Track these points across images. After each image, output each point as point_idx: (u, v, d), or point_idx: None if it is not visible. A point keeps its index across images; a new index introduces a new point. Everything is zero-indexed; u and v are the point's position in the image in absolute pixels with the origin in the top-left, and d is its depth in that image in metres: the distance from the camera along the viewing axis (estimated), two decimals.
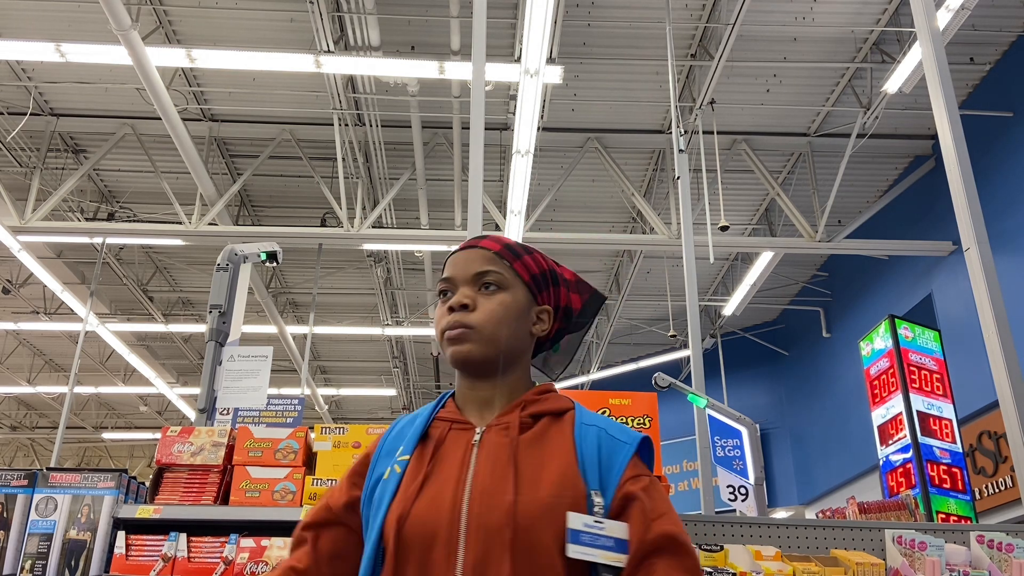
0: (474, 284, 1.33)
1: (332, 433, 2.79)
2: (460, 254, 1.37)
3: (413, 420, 1.34)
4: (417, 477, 1.22)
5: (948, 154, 3.46)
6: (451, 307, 1.31)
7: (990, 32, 7.70)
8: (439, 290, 1.37)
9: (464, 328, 1.29)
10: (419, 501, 1.18)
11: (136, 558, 2.56)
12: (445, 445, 1.26)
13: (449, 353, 1.30)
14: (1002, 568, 2.46)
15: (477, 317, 1.30)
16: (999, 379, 3.10)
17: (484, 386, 1.32)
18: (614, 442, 1.26)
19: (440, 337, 1.32)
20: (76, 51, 6.71)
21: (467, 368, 1.31)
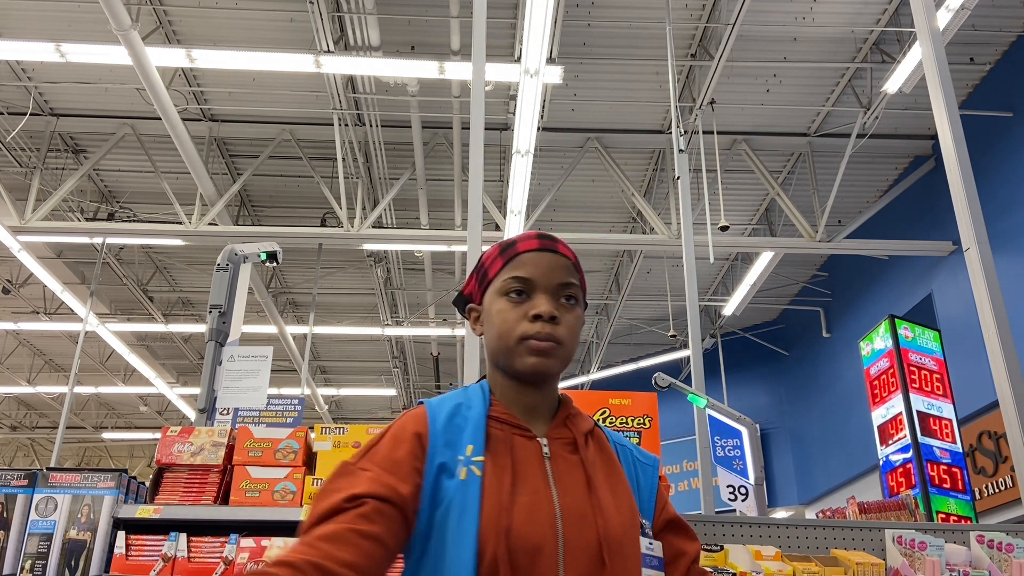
0: (555, 294, 1.27)
1: (332, 433, 2.79)
2: (541, 256, 1.29)
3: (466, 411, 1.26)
4: (503, 485, 1.15)
5: (948, 154, 3.46)
6: (539, 315, 1.24)
7: (990, 32, 7.70)
8: (512, 288, 1.28)
9: (555, 343, 1.24)
10: (516, 514, 1.13)
11: (136, 558, 2.56)
12: (517, 453, 1.21)
13: (531, 363, 1.23)
14: (1002, 568, 2.46)
15: (564, 333, 1.26)
16: (999, 379, 3.10)
17: (533, 393, 1.29)
18: (641, 464, 1.33)
19: (516, 341, 1.24)
20: (76, 51, 6.71)
21: (539, 381, 1.27)
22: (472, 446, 1.19)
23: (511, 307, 1.26)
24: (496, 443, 1.21)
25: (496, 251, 1.35)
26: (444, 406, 1.26)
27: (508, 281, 1.28)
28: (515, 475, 1.18)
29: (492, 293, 1.31)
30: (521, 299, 1.27)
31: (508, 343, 1.25)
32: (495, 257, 1.33)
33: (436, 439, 1.21)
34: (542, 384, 1.28)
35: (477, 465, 1.17)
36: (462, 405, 1.26)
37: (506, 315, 1.26)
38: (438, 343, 13.47)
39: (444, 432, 1.22)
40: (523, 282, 1.27)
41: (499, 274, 1.30)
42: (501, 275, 1.30)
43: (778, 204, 9.23)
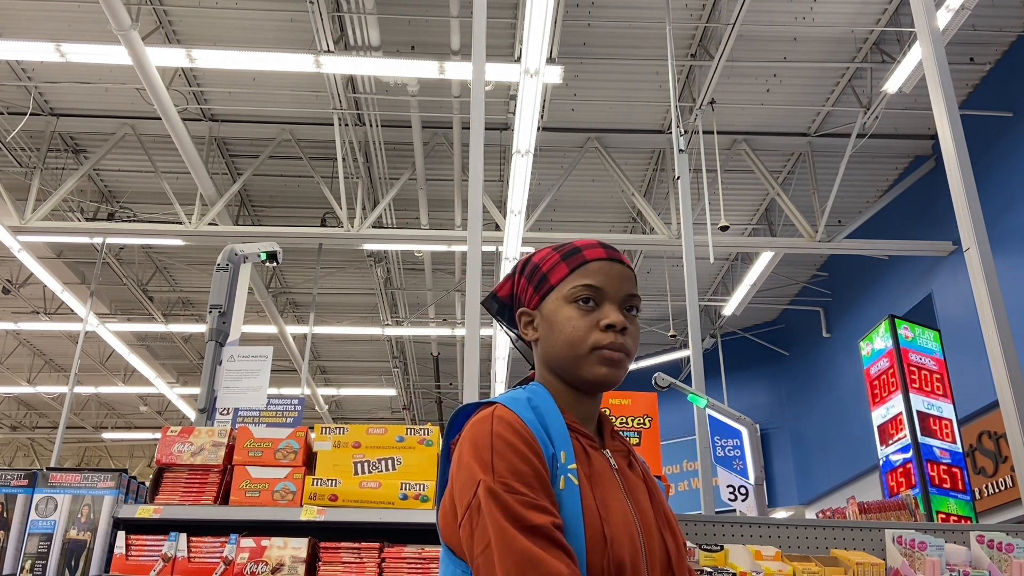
0: (621, 305, 1.29)
1: (332, 433, 2.79)
2: (611, 266, 1.30)
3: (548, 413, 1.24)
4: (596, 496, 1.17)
5: (948, 154, 3.46)
6: (611, 325, 1.25)
7: (990, 32, 7.69)
8: (581, 296, 1.27)
9: (626, 355, 1.26)
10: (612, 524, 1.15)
11: (136, 558, 2.56)
12: (593, 463, 1.22)
13: (601, 373, 1.24)
14: (1002, 568, 2.46)
15: (631, 344, 1.28)
16: (999, 379, 3.10)
17: (590, 404, 1.30)
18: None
19: (587, 350, 1.24)
20: (76, 51, 6.70)
21: (602, 391, 1.29)
22: (564, 453, 1.19)
23: (581, 315, 1.26)
24: (577, 452, 1.21)
25: (556, 257, 1.33)
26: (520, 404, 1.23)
27: (578, 289, 1.27)
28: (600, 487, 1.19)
29: (557, 299, 1.29)
30: (590, 308, 1.26)
31: (579, 351, 1.24)
32: (557, 263, 1.32)
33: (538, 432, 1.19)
34: (600, 395, 1.31)
35: (572, 474, 1.17)
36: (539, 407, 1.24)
37: (576, 323, 1.25)
38: (438, 343, 13.47)
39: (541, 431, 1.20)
40: (594, 291, 1.27)
41: (565, 280, 1.29)
42: (568, 282, 1.29)
43: (778, 204, 9.23)
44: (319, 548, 2.60)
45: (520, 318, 1.36)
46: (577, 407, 1.28)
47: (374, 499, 2.66)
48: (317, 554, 2.59)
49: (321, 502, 2.66)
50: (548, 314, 1.30)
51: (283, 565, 2.52)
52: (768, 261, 9.72)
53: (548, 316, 1.30)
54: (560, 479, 1.15)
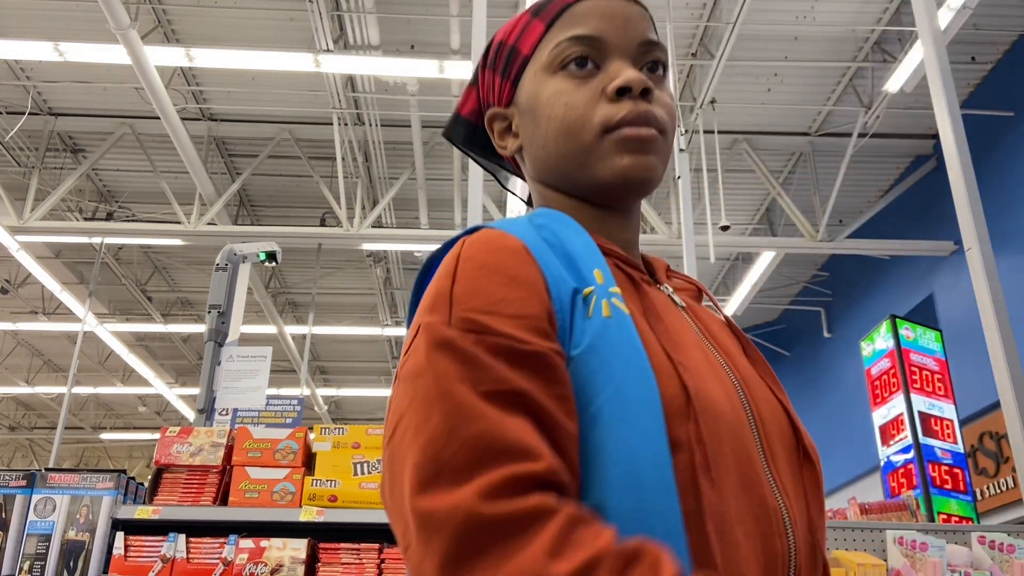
0: (636, 60, 0.84)
1: (331, 433, 2.78)
2: (612, 3, 0.84)
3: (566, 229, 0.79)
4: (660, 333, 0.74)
5: (949, 154, 3.45)
6: (625, 88, 0.80)
7: (992, 31, 7.69)
8: (571, 56, 0.83)
9: (657, 130, 0.81)
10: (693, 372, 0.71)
11: (135, 559, 2.55)
12: (647, 298, 0.78)
13: (627, 164, 0.80)
14: (1003, 569, 2.45)
15: (664, 114, 0.82)
16: (1000, 379, 3.09)
17: (622, 224, 0.87)
18: None
19: (596, 134, 0.81)
20: (75, 50, 6.70)
21: (633, 195, 0.84)
22: (600, 272, 0.74)
23: (576, 85, 0.82)
24: (621, 281, 0.78)
25: (525, 17, 0.88)
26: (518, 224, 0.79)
27: (563, 45, 0.83)
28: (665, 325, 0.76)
29: (535, 74, 0.85)
30: (588, 71, 0.82)
31: (583, 139, 0.81)
32: (527, 23, 0.87)
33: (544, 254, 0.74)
34: (630, 207, 0.87)
35: (619, 299, 0.72)
36: (546, 225, 0.79)
37: (571, 97, 0.82)
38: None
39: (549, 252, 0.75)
40: (588, 43, 0.82)
41: (542, 42, 0.85)
42: (547, 42, 0.84)
43: (779, 204, 9.23)
44: (318, 549, 2.59)
45: (492, 127, 0.91)
46: (604, 231, 0.85)
47: (374, 500, 2.65)
48: (316, 555, 2.58)
49: (320, 503, 2.65)
50: (527, 101, 0.86)
51: (282, 566, 2.51)
52: (769, 261, 9.72)
53: (527, 104, 0.86)
54: (600, 305, 0.71)
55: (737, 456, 0.70)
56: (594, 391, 0.67)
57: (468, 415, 0.61)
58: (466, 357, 0.64)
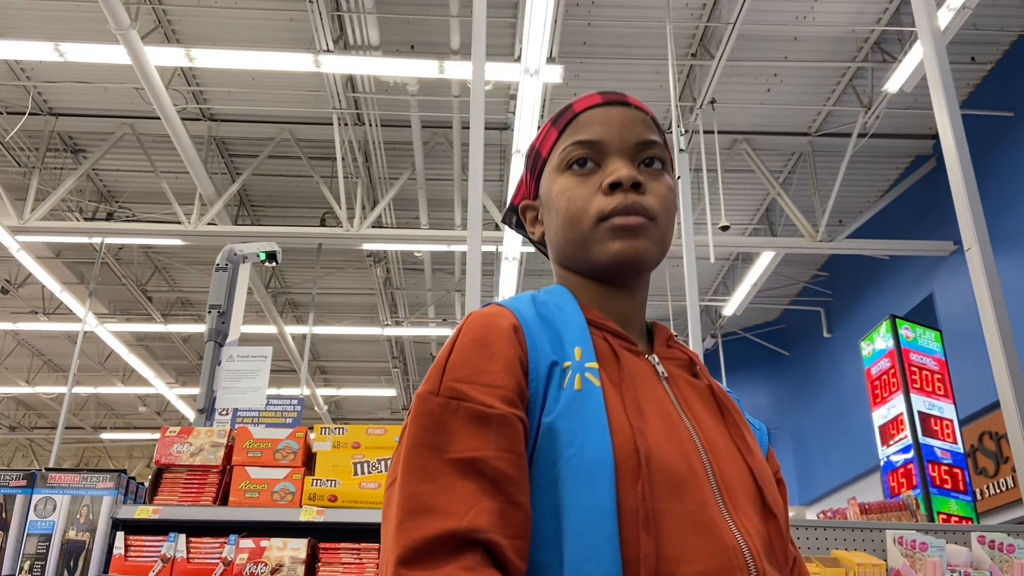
0: (633, 158, 0.97)
1: (331, 433, 2.78)
2: (610, 111, 0.99)
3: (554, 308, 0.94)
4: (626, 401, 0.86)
5: (949, 154, 3.46)
6: (617, 183, 0.94)
7: (991, 31, 7.69)
8: (575, 157, 0.98)
9: (645, 218, 0.94)
10: (652, 436, 0.83)
11: (135, 559, 2.55)
12: (626, 367, 0.90)
13: (616, 249, 0.93)
14: (1003, 569, 2.45)
15: (655, 204, 0.95)
16: (1000, 379, 3.09)
17: (624, 298, 0.99)
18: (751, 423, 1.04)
19: (592, 223, 0.94)
20: (75, 50, 6.70)
21: (630, 274, 0.97)
22: (580, 349, 0.89)
23: (578, 182, 0.97)
24: (601, 353, 0.90)
25: (547, 125, 1.05)
26: (523, 300, 0.95)
27: (569, 149, 0.98)
28: (636, 393, 0.88)
29: (550, 172, 1.01)
30: (589, 169, 0.97)
31: (582, 228, 0.95)
32: (547, 131, 1.04)
33: (534, 333, 0.89)
34: (631, 283, 0.99)
35: (593, 373, 0.86)
36: (547, 303, 0.95)
37: (573, 192, 0.96)
38: (438, 343, 13.46)
39: (542, 328, 0.90)
40: (589, 146, 0.97)
41: (555, 146, 1.01)
42: (558, 146, 1.00)
43: (779, 204, 9.23)
44: (318, 549, 2.59)
45: (525, 216, 1.08)
46: (605, 302, 0.98)
47: (374, 500, 2.65)
48: (316, 555, 2.58)
49: (320, 503, 2.65)
50: (544, 195, 1.02)
51: (282, 566, 2.51)
52: (769, 261, 9.72)
53: (545, 198, 1.02)
54: (574, 378, 0.85)
55: (691, 507, 0.81)
56: (560, 452, 0.81)
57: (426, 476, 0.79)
58: (440, 427, 0.81)
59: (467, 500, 0.76)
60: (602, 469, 0.79)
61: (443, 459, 0.79)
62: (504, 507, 0.78)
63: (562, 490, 0.80)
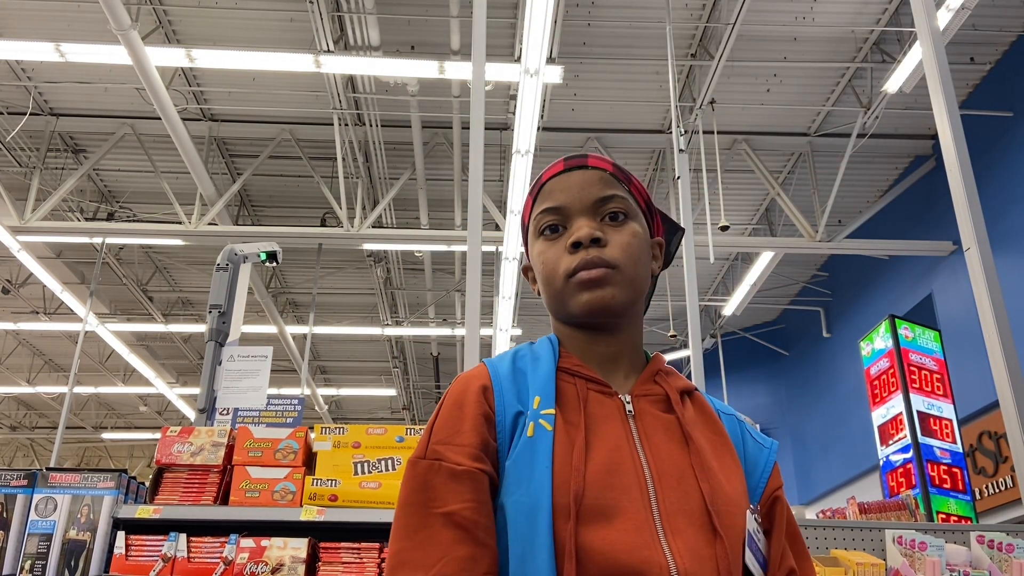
0: (594, 214, 1.09)
1: (332, 433, 2.78)
2: (569, 177, 1.11)
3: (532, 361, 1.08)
4: (575, 443, 0.97)
5: (948, 154, 3.46)
6: (578, 242, 1.06)
7: (990, 32, 7.69)
8: (544, 224, 1.10)
9: (607, 268, 1.04)
10: (591, 474, 0.95)
11: (136, 558, 2.55)
12: (592, 408, 1.02)
13: (584, 301, 1.04)
14: (1002, 568, 2.46)
15: (616, 254, 1.06)
16: (999, 379, 3.10)
17: (608, 341, 1.09)
18: (754, 442, 1.11)
19: (562, 281, 1.06)
20: (76, 51, 6.70)
21: (602, 318, 1.07)
22: (540, 398, 1.01)
23: (550, 245, 1.09)
24: (567, 398, 1.03)
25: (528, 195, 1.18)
26: (505, 357, 1.10)
27: (539, 217, 1.11)
28: (589, 433, 0.99)
29: (531, 239, 1.14)
30: (558, 234, 1.09)
31: (556, 286, 1.07)
32: (527, 201, 1.17)
33: (503, 388, 1.03)
34: (611, 326, 1.09)
35: (547, 419, 0.99)
36: (526, 356, 1.09)
37: (545, 256, 1.09)
38: (438, 343, 13.47)
39: (511, 382, 1.04)
40: (555, 212, 1.09)
41: (532, 215, 1.14)
42: (533, 215, 1.13)
43: (778, 204, 9.23)
44: (319, 548, 2.60)
45: (527, 276, 1.21)
46: (592, 349, 1.09)
47: (374, 499, 2.65)
48: (317, 554, 2.59)
49: (321, 502, 2.65)
50: (531, 259, 1.15)
51: (283, 565, 2.52)
52: (768, 261, 9.72)
53: (532, 261, 1.15)
54: (528, 426, 0.98)
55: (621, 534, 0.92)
56: (510, 494, 0.96)
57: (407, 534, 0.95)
58: (424, 487, 0.96)
59: (441, 550, 0.92)
60: (541, 509, 0.92)
61: (428, 514, 0.94)
62: (475, 551, 0.92)
63: (510, 528, 0.94)
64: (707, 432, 1.06)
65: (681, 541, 0.93)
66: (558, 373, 1.05)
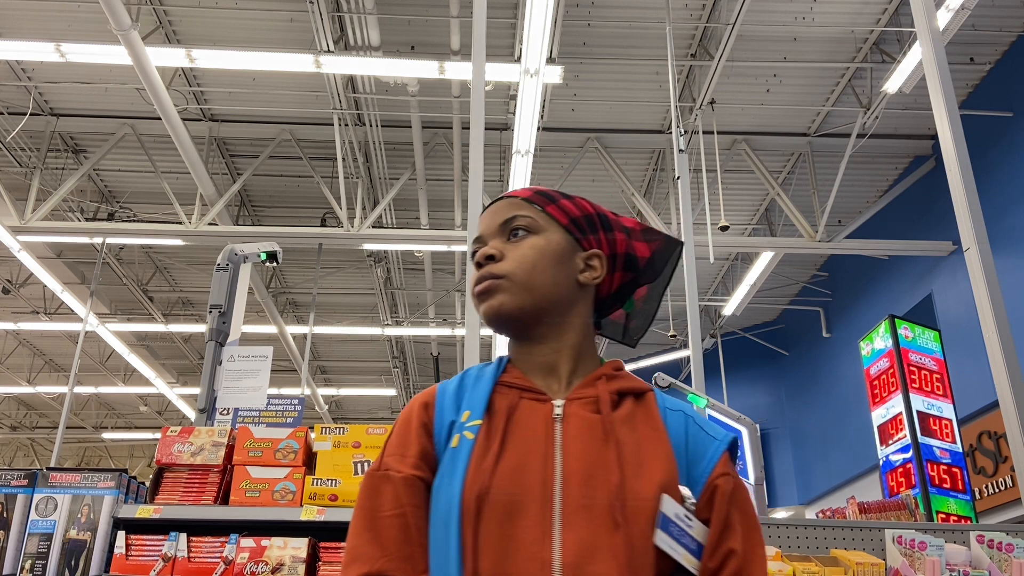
0: (502, 235, 1.21)
1: (332, 433, 2.79)
2: (488, 210, 1.25)
3: (477, 379, 1.19)
4: (491, 448, 1.07)
5: (948, 154, 3.46)
6: (478, 263, 1.20)
7: (990, 32, 7.70)
8: (472, 252, 1.25)
9: (492, 279, 1.16)
10: (498, 475, 1.05)
11: (136, 558, 2.56)
12: (519, 415, 1.12)
13: (481, 311, 1.17)
14: (1002, 568, 2.46)
15: (506, 265, 1.17)
16: (999, 379, 3.10)
17: (543, 349, 1.18)
18: (703, 434, 1.16)
19: (473, 298, 1.20)
20: (76, 51, 6.71)
21: (504, 325, 1.18)
22: (469, 412, 1.13)
23: (475, 269, 1.23)
24: (498, 409, 1.12)
25: None
26: (457, 377, 1.21)
27: (471, 247, 1.26)
28: (507, 437, 1.09)
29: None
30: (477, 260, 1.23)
31: (474, 303, 1.21)
32: None
33: (444, 405, 1.16)
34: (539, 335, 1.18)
35: (471, 430, 1.10)
36: (473, 375, 1.20)
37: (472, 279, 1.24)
38: (438, 343, 13.47)
39: (453, 398, 1.17)
40: (477, 242, 1.24)
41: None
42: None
43: (778, 204, 9.23)
44: (319, 548, 2.60)
45: None
46: (531, 359, 1.18)
47: None
48: (317, 554, 2.59)
49: (321, 502, 2.65)
50: None
51: (283, 565, 2.52)
52: (768, 261, 9.72)
53: None
54: (454, 437, 1.11)
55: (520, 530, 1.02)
56: (435, 495, 1.09)
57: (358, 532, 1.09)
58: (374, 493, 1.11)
59: (383, 547, 1.06)
60: (451, 513, 1.04)
61: (375, 517, 1.08)
62: (411, 549, 1.06)
63: (432, 527, 1.07)
64: (640, 429, 1.12)
65: (573, 535, 1.01)
66: (498, 387, 1.15)
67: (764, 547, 1.12)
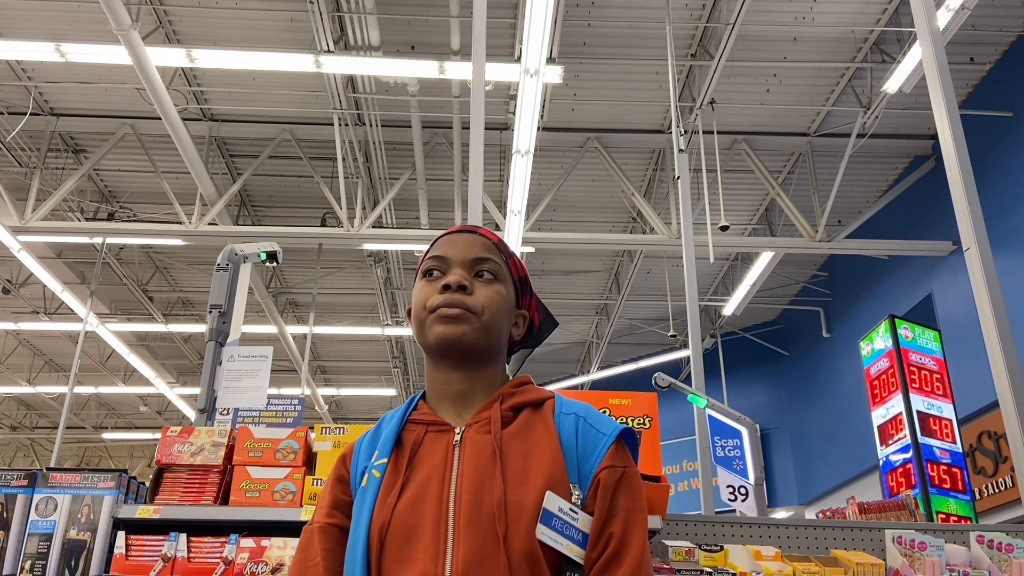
0: (470, 269, 1.28)
1: (332, 433, 2.79)
2: (457, 236, 1.31)
3: (388, 421, 1.29)
4: (395, 484, 1.17)
5: (948, 154, 3.46)
6: (448, 285, 1.24)
7: (990, 32, 7.70)
8: (427, 268, 1.30)
9: (464, 310, 1.22)
10: (399, 507, 1.15)
11: (136, 558, 2.55)
12: (423, 448, 1.21)
13: (439, 332, 1.22)
14: (1002, 568, 2.46)
15: (478, 301, 1.24)
16: (999, 379, 3.10)
17: (461, 379, 1.26)
18: (592, 431, 1.21)
19: (427, 314, 1.24)
20: (76, 51, 6.71)
21: (453, 353, 1.24)
22: (377, 452, 1.23)
23: (426, 285, 1.28)
24: (405, 445, 1.22)
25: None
26: (373, 428, 1.31)
27: (426, 262, 1.30)
28: (412, 472, 1.18)
29: (416, 282, 1.33)
30: (435, 277, 1.28)
31: (420, 316, 1.26)
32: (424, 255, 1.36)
33: (359, 453, 1.27)
34: (464, 366, 1.25)
35: (379, 468, 1.20)
36: (386, 419, 1.29)
37: (419, 293, 1.28)
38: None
39: (368, 446, 1.27)
40: (438, 261, 1.28)
41: (422, 263, 1.33)
42: (423, 262, 1.32)
43: (778, 204, 9.23)
44: None
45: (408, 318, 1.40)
46: (447, 388, 1.26)
47: None
48: None
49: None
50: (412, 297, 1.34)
51: (283, 565, 2.52)
52: (768, 261, 9.72)
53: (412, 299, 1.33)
54: (364, 477, 1.22)
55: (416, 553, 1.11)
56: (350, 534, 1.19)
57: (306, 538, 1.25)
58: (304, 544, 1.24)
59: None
60: (357, 548, 1.15)
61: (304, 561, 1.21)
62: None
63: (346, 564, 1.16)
64: (533, 437, 1.20)
65: (463, 550, 1.09)
66: (408, 424, 1.25)
67: (645, 528, 1.17)
